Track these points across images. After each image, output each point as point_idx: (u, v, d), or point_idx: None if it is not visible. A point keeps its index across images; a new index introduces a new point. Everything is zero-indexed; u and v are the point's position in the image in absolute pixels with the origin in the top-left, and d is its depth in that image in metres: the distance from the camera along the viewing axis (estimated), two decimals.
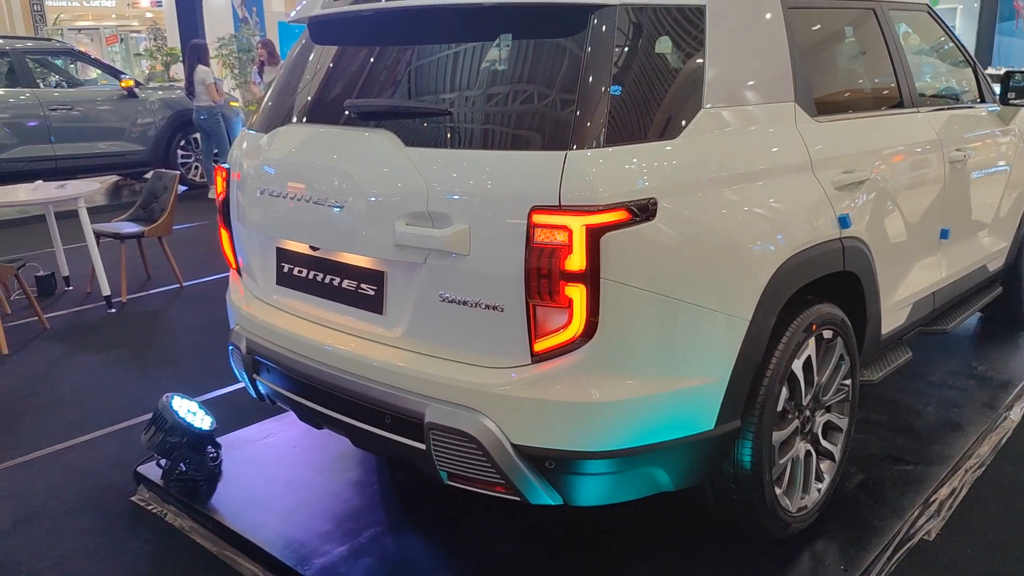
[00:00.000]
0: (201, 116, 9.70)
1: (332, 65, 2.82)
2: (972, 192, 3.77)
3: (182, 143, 10.58)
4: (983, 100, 4.04)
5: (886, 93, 3.34)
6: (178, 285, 6.30)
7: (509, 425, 2.19)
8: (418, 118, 2.45)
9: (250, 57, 16.38)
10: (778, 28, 2.68)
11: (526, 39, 2.33)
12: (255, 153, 2.81)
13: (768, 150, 2.55)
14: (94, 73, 13.32)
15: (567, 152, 2.09)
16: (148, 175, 10.71)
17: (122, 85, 10.11)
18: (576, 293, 2.08)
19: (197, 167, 10.66)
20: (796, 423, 2.65)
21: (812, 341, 2.63)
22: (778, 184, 2.52)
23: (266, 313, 2.82)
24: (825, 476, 2.84)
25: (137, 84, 10.37)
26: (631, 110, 2.22)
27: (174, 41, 20.02)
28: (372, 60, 2.71)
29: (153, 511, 3.16)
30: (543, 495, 2.27)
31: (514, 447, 2.19)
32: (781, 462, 2.60)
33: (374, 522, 2.93)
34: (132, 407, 4.08)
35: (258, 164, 2.77)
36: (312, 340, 2.60)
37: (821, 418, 2.80)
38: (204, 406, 3.39)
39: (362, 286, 2.50)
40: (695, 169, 2.29)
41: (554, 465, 2.20)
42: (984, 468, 3.29)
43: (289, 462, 3.40)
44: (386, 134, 2.40)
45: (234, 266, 3.05)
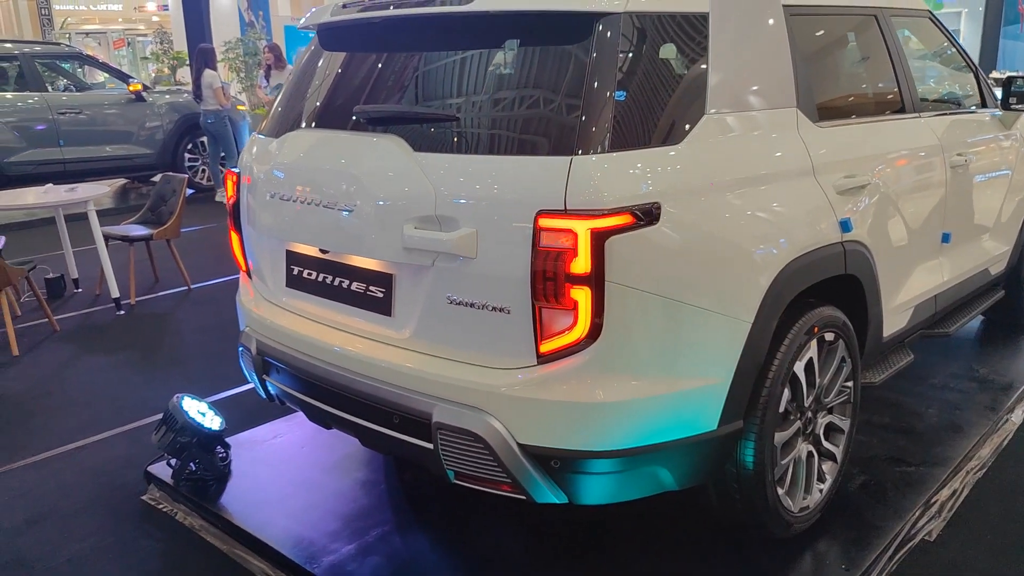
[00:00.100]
0: (208, 120, 9.75)
1: (341, 71, 2.86)
2: (974, 196, 3.80)
3: (189, 147, 10.65)
4: (985, 105, 4.07)
5: (888, 98, 3.37)
6: (186, 287, 6.35)
7: (515, 425, 2.23)
8: (426, 124, 2.49)
9: (256, 61, 16.45)
10: (780, 35, 2.72)
11: (532, 46, 2.37)
12: (265, 158, 2.86)
13: (770, 155, 2.59)
14: (101, 77, 13.39)
15: (572, 157, 2.13)
16: (155, 178, 10.80)
17: (130, 89, 10.17)
18: (581, 295, 2.12)
19: (204, 171, 10.72)
20: (798, 424, 2.68)
21: (814, 343, 2.66)
22: (780, 189, 2.55)
23: (276, 315, 2.86)
24: (827, 477, 2.87)
25: (145, 88, 10.43)
26: (635, 116, 2.26)
27: (180, 45, 20.12)
28: (380, 66, 2.75)
29: (164, 510, 3.21)
30: (548, 494, 2.30)
31: (520, 447, 2.23)
32: (783, 462, 2.63)
33: (381, 521, 2.97)
34: (141, 408, 4.13)
35: (268, 168, 2.82)
36: (321, 341, 2.64)
37: (823, 419, 2.83)
38: (213, 407, 3.44)
39: (371, 288, 2.54)
40: (698, 174, 2.33)
41: (559, 464, 2.24)
42: (985, 470, 3.31)
43: (297, 462, 3.44)
44: (395, 139, 2.44)
45: (244, 268, 3.10)
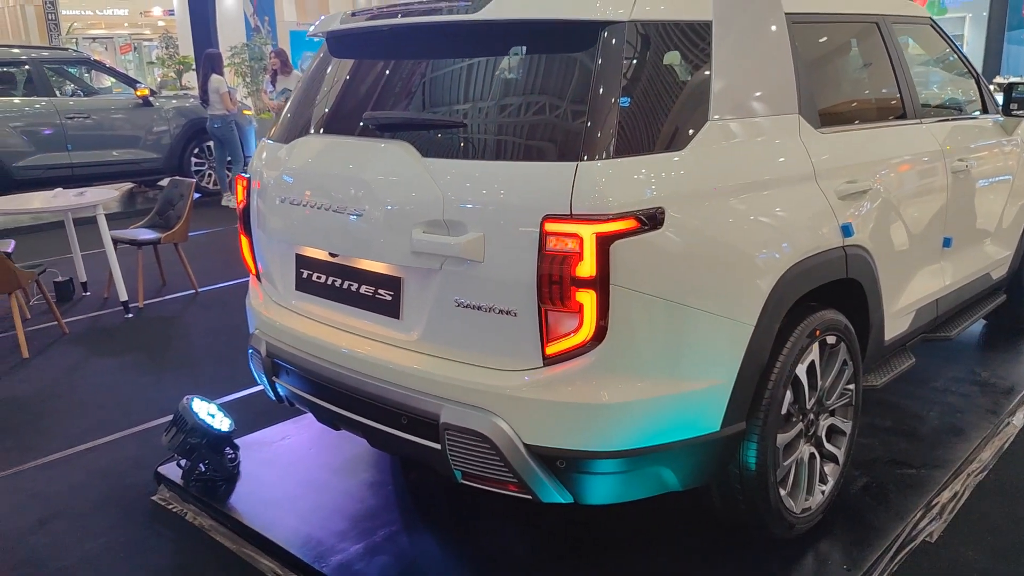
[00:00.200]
0: (215, 124, 9.82)
1: (349, 78, 2.91)
2: (975, 202, 3.83)
3: (196, 151, 10.72)
4: (986, 111, 4.10)
5: (889, 105, 3.41)
6: (193, 291, 6.40)
7: (521, 425, 2.27)
8: (434, 130, 2.54)
9: (262, 66, 16.54)
10: (782, 42, 2.76)
11: (538, 54, 2.41)
12: (275, 163, 2.90)
13: (772, 161, 2.63)
14: (108, 81, 13.47)
15: (578, 163, 2.17)
16: (162, 182, 10.86)
17: (137, 94, 10.24)
18: (586, 298, 2.16)
19: (210, 175, 10.79)
20: (800, 426, 2.72)
21: (816, 346, 2.69)
22: (782, 194, 2.59)
23: (285, 317, 2.90)
24: (829, 478, 2.90)
25: (152, 93, 10.50)
26: (640, 122, 2.30)
27: (186, 49, 20.22)
28: (388, 73, 2.80)
29: (174, 510, 3.25)
30: (554, 494, 2.34)
31: (526, 447, 2.26)
32: (785, 464, 2.67)
33: (389, 521, 3.01)
34: (150, 410, 4.17)
35: (278, 173, 2.86)
36: (330, 343, 2.69)
37: (825, 422, 2.86)
38: (223, 408, 3.49)
39: (379, 291, 2.59)
40: (702, 179, 2.37)
41: (565, 464, 2.28)
42: (986, 472, 3.34)
43: (305, 463, 3.49)
44: (404, 145, 2.48)
45: (254, 272, 3.14)
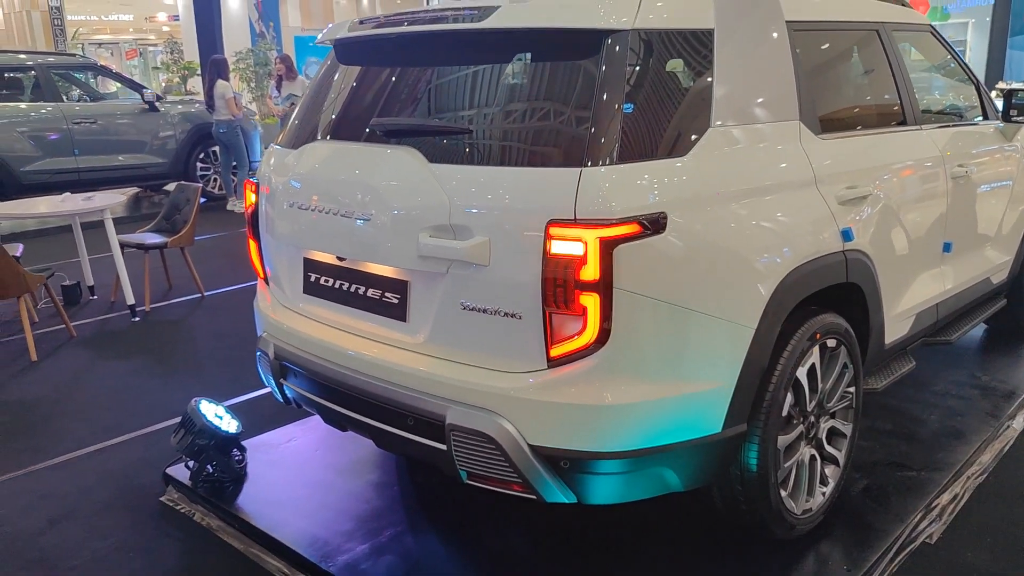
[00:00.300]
0: (220, 129, 9.88)
1: (356, 85, 2.96)
2: (974, 207, 3.87)
3: (201, 156, 10.78)
4: (986, 117, 4.14)
5: (889, 111, 3.45)
6: (199, 295, 6.45)
7: (526, 426, 2.30)
8: (440, 136, 2.58)
9: (267, 71, 16.62)
10: (783, 49, 2.80)
11: (543, 61, 2.46)
12: (284, 168, 2.95)
13: (773, 166, 2.67)
14: (114, 87, 13.56)
15: (582, 169, 2.21)
16: (167, 187, 10.92)
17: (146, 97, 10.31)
18: (590, 302, 2.20)
19: (216, 180, 10.85)
20: (801, 428, 2.75)
21: (816, 349, 2.72)
22: (783, 199, 2.63)
23: (293, 320, 2.95)
24: (830, 480, 2.94)
25: (158, 98, 10.57)
26: (643, 129, 2.34)
27: (191, 55, 20.31)
28: (395, 80, 2.84)
29: (182, 511, 3.29)
30: (558, 494, 2.38)
31: (531, 447, 2.30)
32: (786, 465, 2.70)
33: (394, 522, 3.05)
34: (157, 412, 4.21)
35: (287, 179, 2.90)
36: (338, 346, 2.73)
37: (825, 424, 2.90)
38: (230, 410, 3.53)
39: (386, 294, 2.63)
40: (704, 185, 2.41)
41: (568, 465, 2.31)
42: (986, 475, 3.37)
43: (312, 465, 3.53)
44: (411, 151, 2.52)
45: (262, 275, 3.18)
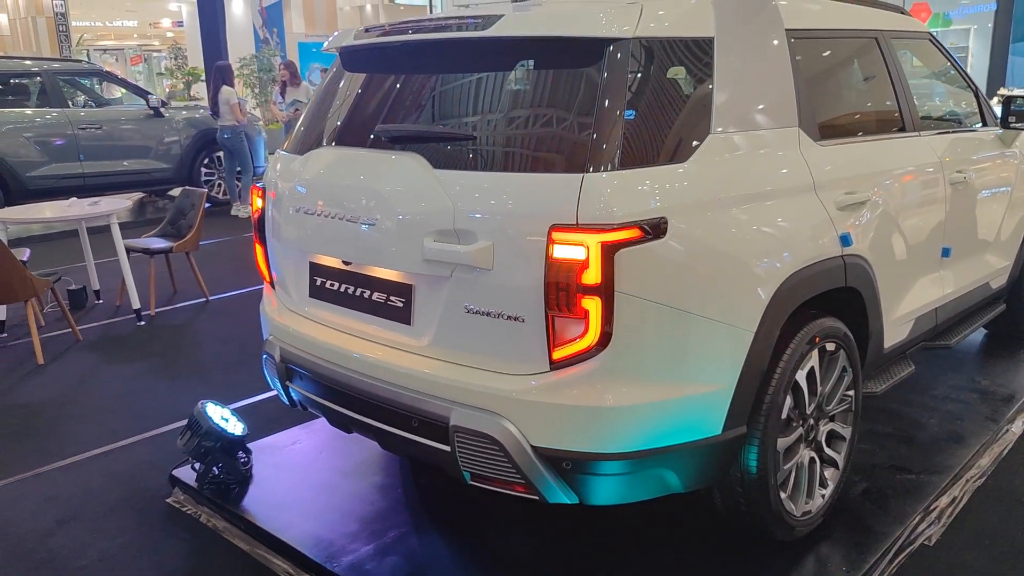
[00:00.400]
0: (225, 135, 9.94)
1: (361, 92, 3.00)
2: (973, 213, 3.90)
3: (206, 161, 10.84)
4: (985, 124, 4.17)
5: (888, 118, 3.48)
6: (204, 299, 6.49)
7: (529, 428, 2.34)
8: (444, 142, 2.62)
9: (271, 77, 16.71)
10: (783, 57, 2.84)
11: (546, 69, 2.50)
12: (290, 174, 2.99)
13: (773, 172, 2.70)
14: (119, 92, 13.63)
15: (584, 175, 2.26)
16: (172, 192, 10.98)
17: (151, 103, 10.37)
18: (592, 305, 2.24)
19: (220, 185, 10.91)
20: (800, 431, 2.78)
21: (815, 353, 2.76)
22: (782, 204, 2.66)
23: (299, 324, 2.99)
24: (829, 483, 2.96)
25: (163, 103, 10.64)
26: (644, 135, 2.38)
27: (195, 60, 20.43)
28: (399, 87, 2.89)
29: (188, 512, 3.32)
30: (560, 494, 2.41)
31: (533, 449, 2.34)
32: (786, 467, 2.73)
33: (398, 523, 3.08)
34: (163, 415, 4.25)
35: (293, 184, 2.95)
36: (343, 349, 2.77)
37: (825, 427, 2.93)
38: (236, 413, 3.56)
39: (391, 298, 2.67)
40: (704, 190, 2.45)
41: (570, 466, 2.35)
42: (985, 478, 3.39)
43: (316, 467, 3.56)
44: (416, 157, 2.56)
45: (268, 279, 3.22)
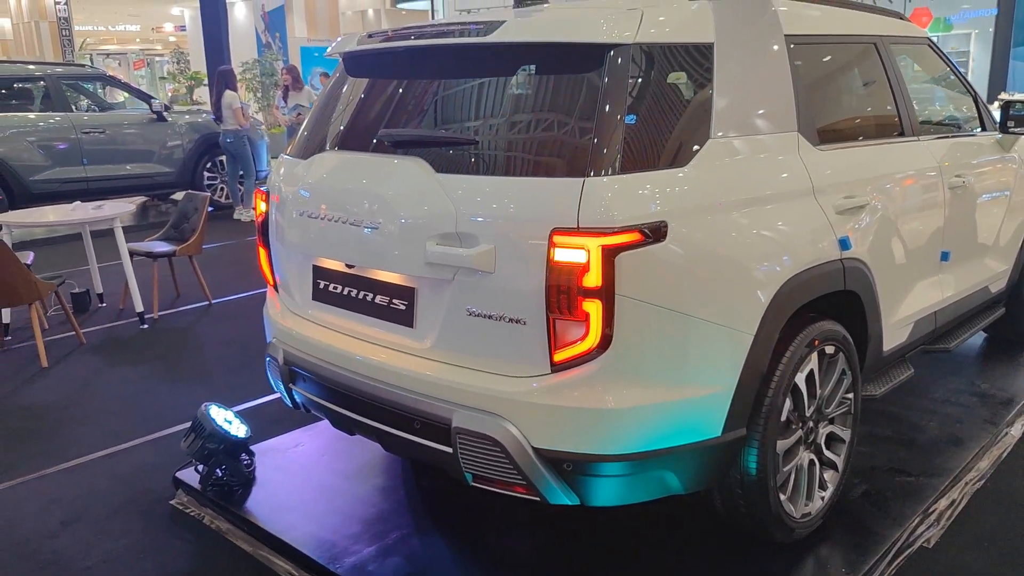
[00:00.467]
0: (228, 139, 9.98)
1: (365, 97, 3.03)
2: (972, 217, 3.92)
3: (208, 165, 10.88)
4: (984, 128, 4.20)
5: (887, 123, 3.50)
6: (207, 302, 6.52)
7: (530, 430, 2.36)
8: (447, 147, 2.65)
9: (273, 81, 16.78)
10: (782, 63, 2.86)
11: (547, 75, 2.53)
12: (294, 178, 3.01)
13: (772, 177, 2.73)
14: (122, 96, 13.69)
15: (585, 179, 2.28)
16: (174, 196, 11.02)
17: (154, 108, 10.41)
18: (593, 308, 2.26)
19: (223, 189, 10.95)
20: (800, 433, 2.80)
21: (815, 356, 2.78)
22: (781, 208, 2.69)
23: (302, 326, 3.01)
24: (828, 485, 2.98)
25: (166, 108, 10.68)
26: (644, 140, 2.41)
27: (198, 65, 20.49)
28: (402, 92, 2.91)
29: (191, 514, 3.34)
30: (561, 495, 2.43)
31: (535, 450, 2.36)
32: (785, 469, 2.75)
33: (400, 525, 3.10)
34: (167, 417, 4.27)
35: (297, 188, 2.97)
36: (346, 351, 2.79)
37: (824, 429, 2.95)
38: (239, 415, 3.59)
39: (394, 301, 2.69)
40: (703, 194, 2.47)
41: (571, 467, 2.37)
42: (984, 481, 3.41)
43: (319, 469, 3.58)
44: (418, 161, 2.59)
45: (271, 282, 3.25)
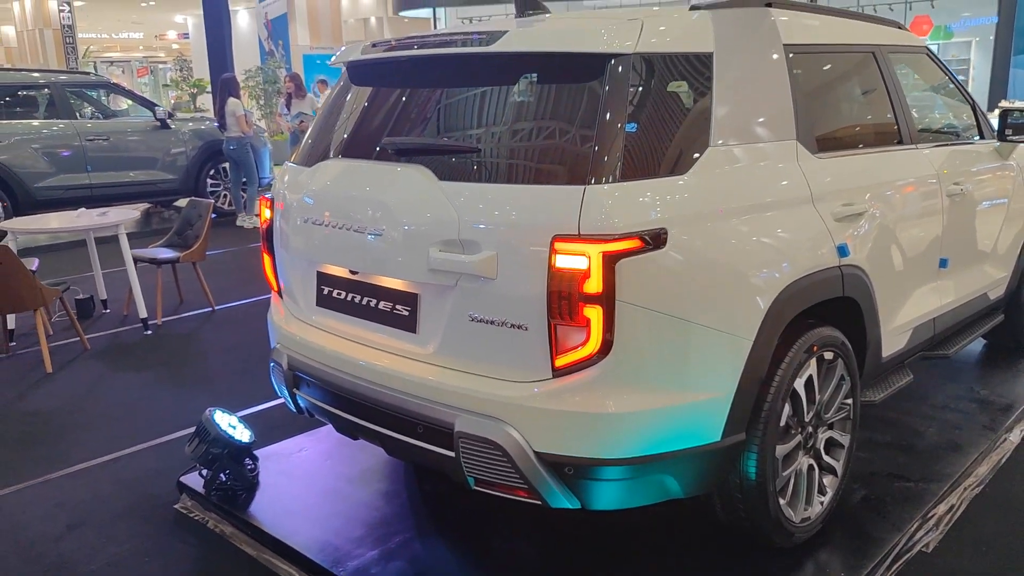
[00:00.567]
0: (231, 146, 10.03)
1: (368, 105, 3.06)
2: (971, 224, 3.95)
3: (211, 172, 10.93)
4: (982, 136, 4.23)
5: (885, 131, 3.54)
6: (210, 308, 6.55)
7: (532, 434, 2.39)
8: (449, 155, 2.68)
9: (275, 88, 16.85)
10: (781, 72, 2.90)
11: (548, 84, 2.57)
12: (298, 185, 3.05)
13: (771, 184, 2.76)
14: (125, 104, 13.75)
15: (586, 186, 2.31)
16: (178, 203, 11.07)
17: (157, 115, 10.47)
18: (593, 314, 2.29)
19: (226, 195, 10.99)
20: (799, 438, 2.82)
21: (813, 361, 2.80)
22: (780, 216, 2.72)
23: (306, 332, 3.04)
24: (828, 490, 3.00)
25: (169, 115, 10.73)
26: (645, 148, 2.44)
27: (201, 72, 20.58)
28: (405, 101, 2.95)
29: (195, 518, 3.37)
30: (562, 499, 2.46)
31: (536, 454, 2.39)
32: (784, 474, 2.77)
33: (403, 529, 3.13)
34: (170, 422, 4.30)
35: (301, 195, 3.01)
36: (350, 357, 2.82)
37: (823, 434, 2.97)
38: (243, 420, 3.62)
39: (397, 307, 2.72)
40: (703, 202, 2.50)
41: (573, 471, 2.40)
42: (983, 486, 3.43)
43: (322, 474, 3.61)
44: (420, 169, 2.62)
45: (275, 288, 3.28)
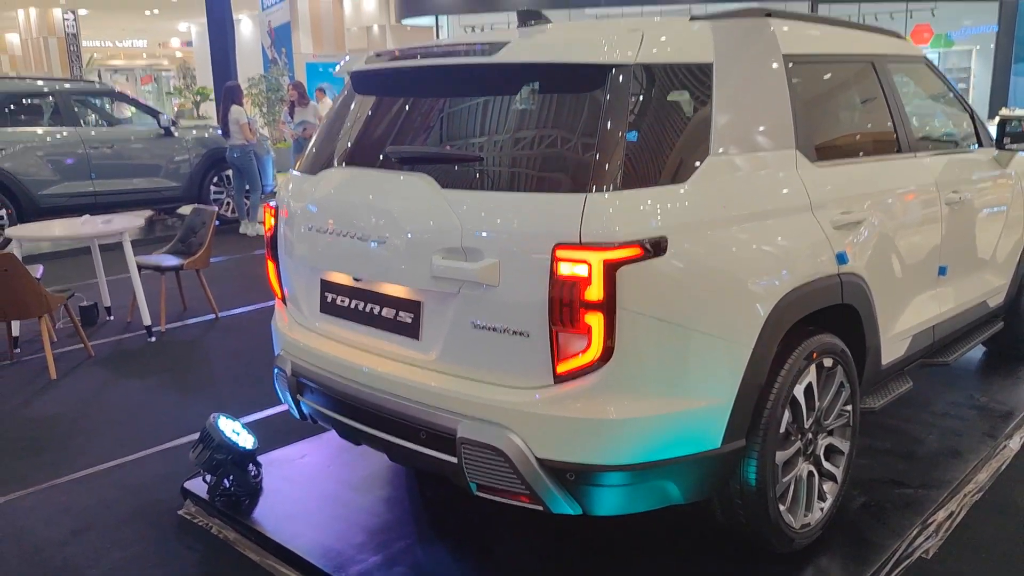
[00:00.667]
0: (234, 154, 10.07)
1: (371, 114, 3.10)
2: (969, 232, 3.97)
3: (215, 180, 10.97)
4: (980, 145, 4.25)
5: (884, 139, 3.56)
6: (213, 315, 6.58)
7: (533, 440, 2.41)
8: (452, 163, 2.71)
9: (279, 96, 16.91)
10: (780, 82, 2.93)
11: (550, 93, 2.60)
12: (302, 193, 3.08)
13: (770, 193, 2.78)
14: (129, 112, 13.81)
15: (587, 195, 2.34)
16: (181, 210, 11.11)
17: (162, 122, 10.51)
18: (595, 321, 2.32)
19: (229, 203, 11.04)
20: (799, 445, 2.84)
21: (813, 368, 2.82)
22: (779, 224, 2.74)
23: (310, 339, 3.07)
24: (828, 496, 3.02)
25: (173, 123, 10.78)
26: (645, 156, 2.47)
27: (204, 80, 20.66)
28: (408, 110, 2.98)
29: (199, 524, 3.39)
30: (564, 505, 2.48)
31: (538, 460, 2.41)
32: (784, 480, 2.79)
33: (405, 534, 3.15)
34: (174, 429, 4.33)
35: (305, 203, 3.04)
36: (353, 363, 2.84)
37: (823, 441, 2.99)
38: (246, 426, 3.64)
39: (400, 314, 2.75)
40: (703, 210, 2.53)
41: (574, 477, 2.42)
42: (982, 493, 3.44)
43: (325, 479, 3.63)
44: (423, 177, 2.65)
45: (279, 296, 3.31)
